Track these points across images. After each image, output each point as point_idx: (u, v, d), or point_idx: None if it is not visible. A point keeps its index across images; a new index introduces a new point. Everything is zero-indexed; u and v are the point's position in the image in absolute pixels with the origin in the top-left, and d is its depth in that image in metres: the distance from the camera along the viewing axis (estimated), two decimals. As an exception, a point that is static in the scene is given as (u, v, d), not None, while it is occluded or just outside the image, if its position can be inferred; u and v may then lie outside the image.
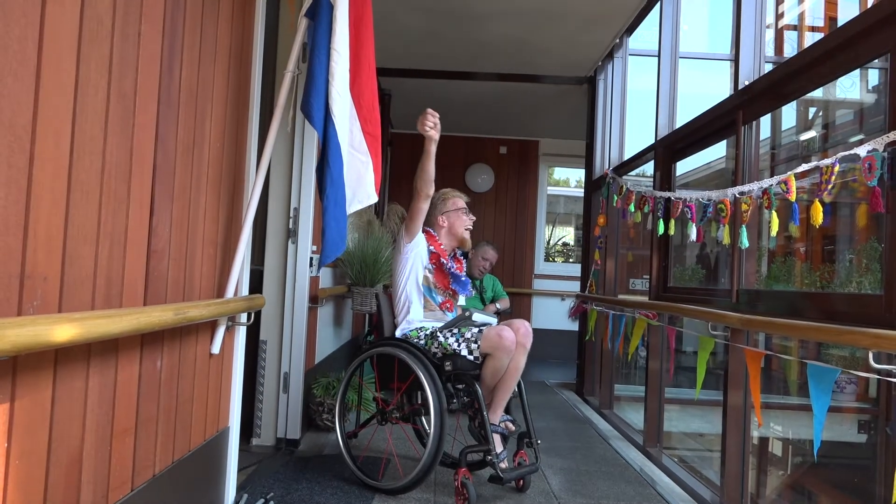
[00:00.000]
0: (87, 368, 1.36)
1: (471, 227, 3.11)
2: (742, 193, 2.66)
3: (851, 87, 3.83)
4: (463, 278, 3.06)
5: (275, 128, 2.13)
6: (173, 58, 1.68)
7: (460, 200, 3.12)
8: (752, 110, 2.78)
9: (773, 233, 2.44)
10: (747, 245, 2.66)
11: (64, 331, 1.11)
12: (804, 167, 2.24)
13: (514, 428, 2.81)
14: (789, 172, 2.29)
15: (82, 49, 1.27)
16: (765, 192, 2.45)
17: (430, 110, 2.66)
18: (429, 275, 2.98)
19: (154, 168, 1.61)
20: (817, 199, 2.11)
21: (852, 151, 1.97)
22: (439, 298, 2.99)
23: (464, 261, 3.23)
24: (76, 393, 1.33)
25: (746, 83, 2.84)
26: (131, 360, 1.55)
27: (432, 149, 2.73)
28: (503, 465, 2.63)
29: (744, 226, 2.64)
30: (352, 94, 2.15)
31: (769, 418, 4.27)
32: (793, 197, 2.29)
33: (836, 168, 2.05)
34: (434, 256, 2.99)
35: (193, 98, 1.84)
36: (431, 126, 2.66)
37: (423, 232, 3.03)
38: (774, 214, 2.42)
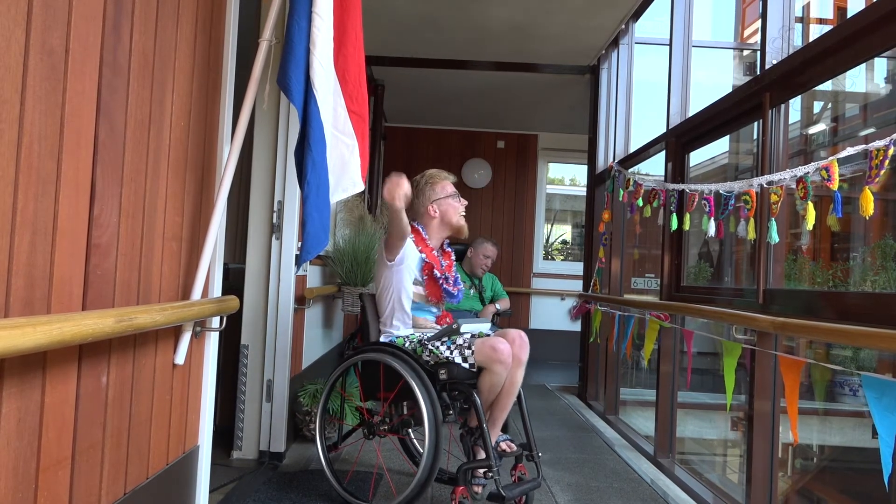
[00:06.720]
0: None
1: (464, 213, 2.74)
2: (770, 183, 2.41)
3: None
4: (452, 290, 2.67)
5: (248, 105, 1.85)
6: (120, 14, 1.41)
7: (449, 184, 2.74)
8: (782, 92, 2.52)
9: (809, 226, 2.20)
10: (777, 240, 2.40)
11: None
12: (849, 151, 1.99)
13: (514, 447, 2.53)
14: (831, 157, 2.03)
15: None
16: (800, 180, 2.19)
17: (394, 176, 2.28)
18: (420, 289, 2.62)
19: (95, 144, 1.34)
20: (867, 187, 1.86)
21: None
22: (435, 313, 2.69)
23: (452, 252, 2.86)
24: (-16, 422, 1.06)
25: (774, 62, 2.58)
26: (65, 378, 1.28)
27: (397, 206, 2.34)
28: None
29: (773, 219, 2.39)
30: (335, 67, 1.88)
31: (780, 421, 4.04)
32: (835, 185, 2.03)
33: (892, 151, 1.80)
34: (427, 267, 2.62)
35: (149, 66, 1.56)
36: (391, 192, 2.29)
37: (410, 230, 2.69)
38: (810, 206, 2.16)
